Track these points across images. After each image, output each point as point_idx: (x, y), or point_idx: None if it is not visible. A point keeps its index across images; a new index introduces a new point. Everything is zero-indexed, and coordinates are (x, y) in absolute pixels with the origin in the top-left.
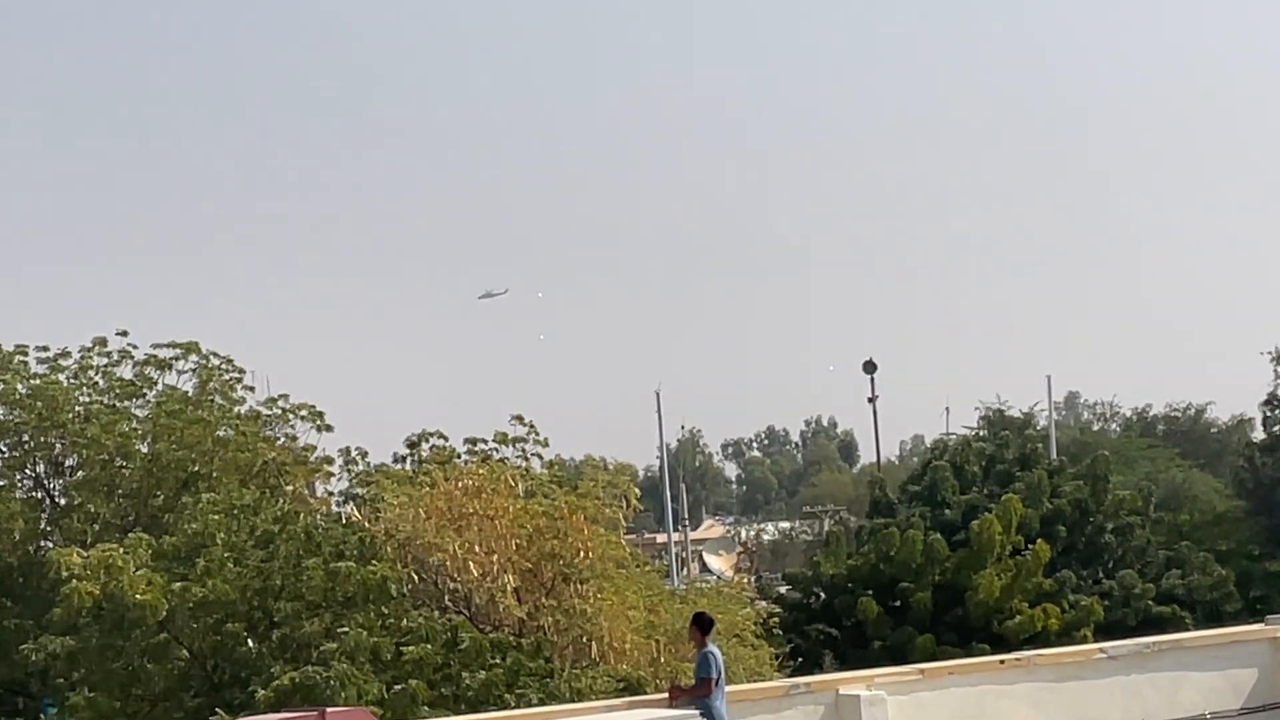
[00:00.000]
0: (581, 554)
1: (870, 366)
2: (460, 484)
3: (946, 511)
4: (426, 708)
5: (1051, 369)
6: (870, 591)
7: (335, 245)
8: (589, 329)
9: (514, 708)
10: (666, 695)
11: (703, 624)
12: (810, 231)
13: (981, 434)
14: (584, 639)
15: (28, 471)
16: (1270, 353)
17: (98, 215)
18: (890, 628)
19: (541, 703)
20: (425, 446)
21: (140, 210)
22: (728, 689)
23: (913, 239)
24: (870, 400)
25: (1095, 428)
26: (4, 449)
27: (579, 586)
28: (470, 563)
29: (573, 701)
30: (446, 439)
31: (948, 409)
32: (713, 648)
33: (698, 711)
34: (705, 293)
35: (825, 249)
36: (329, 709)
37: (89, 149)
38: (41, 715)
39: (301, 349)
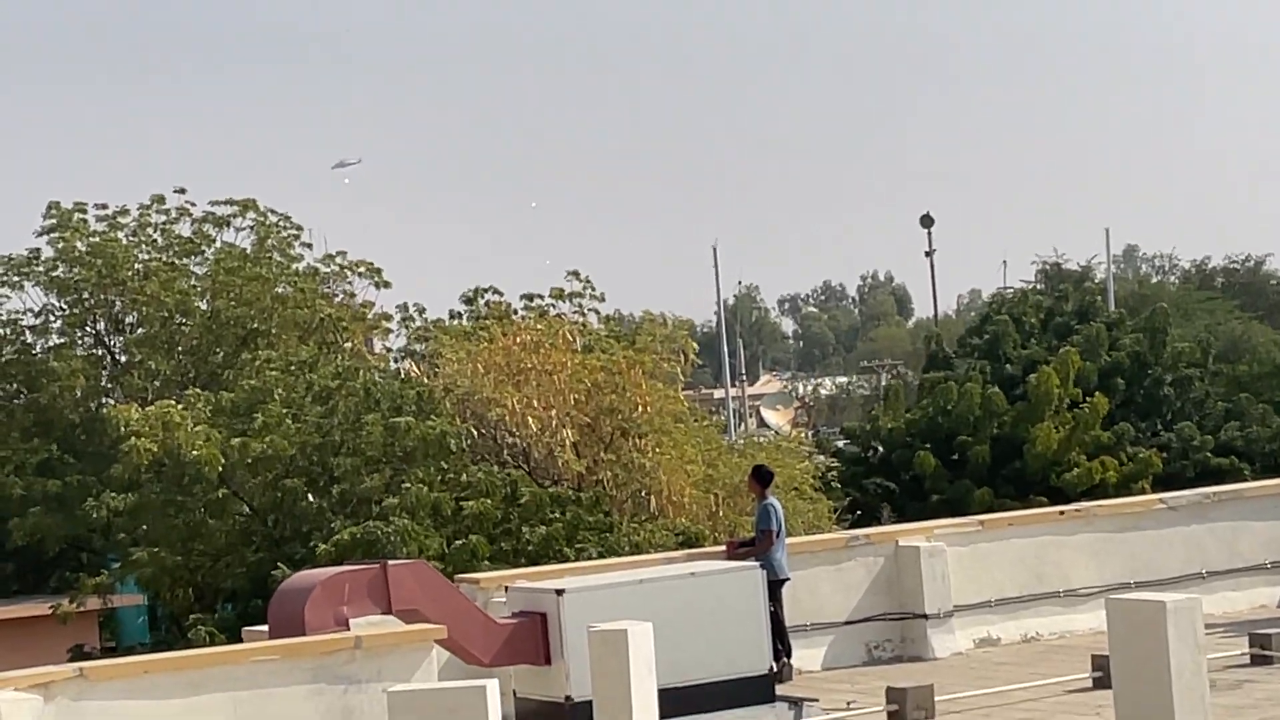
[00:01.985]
0: (640, 408)
1: (927, 220)
2: (518, 339)
3: (1004, 365)
4: (487, 562)
5: (1110, 222)
6: (928, 445)
7: (392, 98)
8: (645, 184)
9: (573, 561)
10: (724, 548)
11: (762, 477)
12: (865, 84)
13: (1039, 287)
14: (643, 493)
15: (88, 329)
16: None
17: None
18: (948, 481)
19: (600, 556)
20: (482, 302)
21: (201, 66)
22: (787, 541)
23: (969, 90)
24: (927, 254)
25: (1154, 280)
26: (64, 307)
27: (637, 441)
28: (529, 417)
29: (632, 555)
30: (502, 294)
31: (1005, 263)
32: (773, 500)
33: (757, 564)
34: (762, 147)
35: (880, 102)
36: (390, 562)
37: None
38: (104, 570)
39: (358, 205)
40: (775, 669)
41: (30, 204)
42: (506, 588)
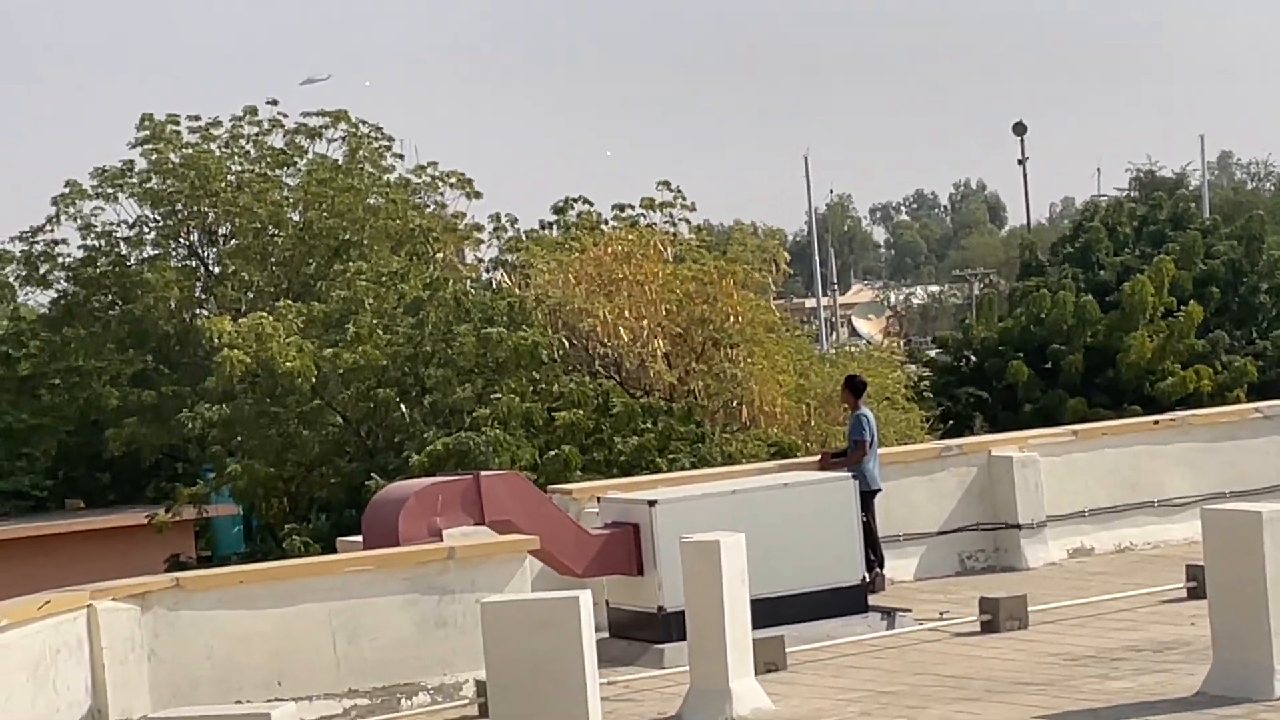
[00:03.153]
0: (731, 318)
1: (1020, 128)
2: (609, 249)
3: (1098, 273)
4: (579, 472)
5: (1205, 128)
6: (1021, 354)
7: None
8: (737, 93)
9: (666, 472)
10: (818, 459)
11: (855, 386)
12: None
13: (1133, 195)
14: (734, 403)
15: (181, 241)
16: None
17: None
18: (1041, 390)
19: (693, 466)
20: (572, 212)
21: None
22: (879, 451)
23: None
24: (1020, 162)
25: (1249, 187)
26: (159, 218)
27: (729, 351)
28: (620, 328)
29: (724, 465)
30: (593, 204)
31: (1099, 170)
32: (865, 410)
33: (850, 474)
34: (852, 55)
35: (971, 9)
36: (483, 473)
37: None
38: (200, 481)
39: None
40: (868, 579)
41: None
42: (599, 498)
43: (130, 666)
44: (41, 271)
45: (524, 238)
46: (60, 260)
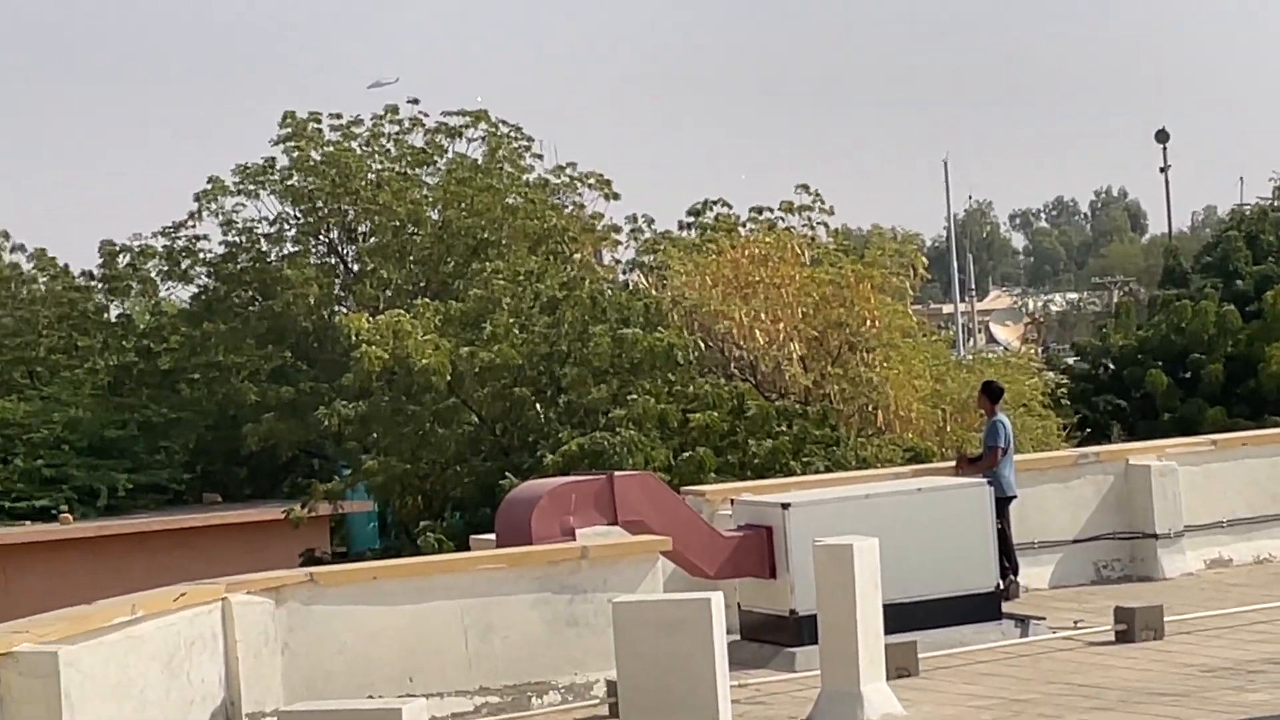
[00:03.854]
0: (868, 322)
1: (1163, 135)
2: (746, 252)
3: (1240, 283)
4: (713, 474)
5: None
6: (1160, 363)
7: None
8: (874, 98)
9: (799, 475)
10: (953, 464)
11: (992, 392)
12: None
13: (1276, 204)
14: (870, 407)
15: (321, 238)
16: None
17: None
18: (1180, 400)
19: (827, 470)
20: (710, 214)
21: None
22: (1015, 458)
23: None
24: (1162, 170)
25: None
26: (299, 215)
27: (865, 355)
28: (756, 330)
29: (859, 469)
30: (730, 207)
31: (1242, 179)
32: (1002, 417)
33: (985, 480)
34: (994, 60)
35: (1116, 14)
36: (616, 473)
37: None
38: (336, 477)
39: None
40: (1002, 586)
41: (267, 113)
42: (732, 500)
43: (264, 660)
44: (183, 267)
45: (661, 239)
46: (201, 256)
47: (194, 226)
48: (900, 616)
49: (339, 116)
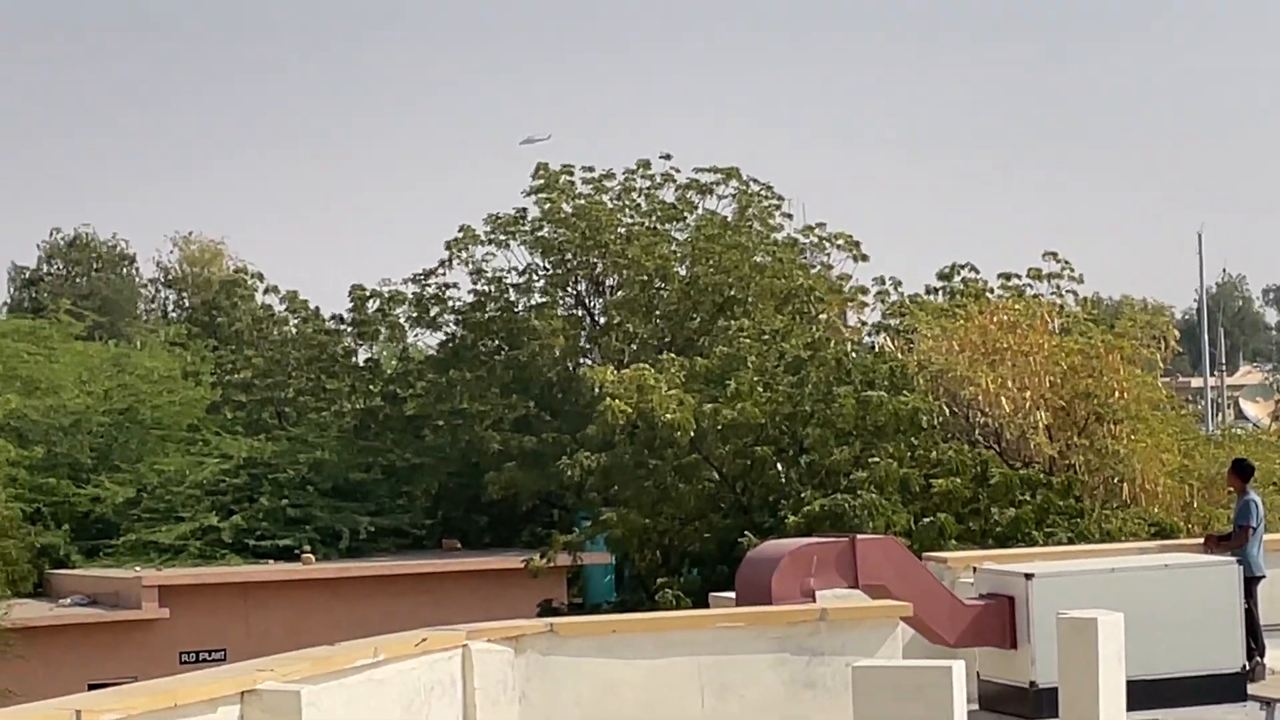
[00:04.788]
0: (1116, 394)
1: None
2: (995, 318)
3: None
4: (953, 541)
5: None
6: None
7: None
8: (1129, 166)
9: (1042, 545)
10: (1200, 541)
11: (1243, 470)
12: None
13: None
14: (1115, 480)
15: (569, 289)
16: None
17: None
18: None
19: (1070, 541)
20: (958, 279)
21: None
22: (1265, 538)
23: None
24: None
25: None
26: (548, 266)
27: (1112, 427)
28: (1003, 398)
29: (1103, 542)
30: (978, 272)
31: None
32: (1253, 495)
33: (1234, 559)
34: (1252, 132)
35: None
36: (859, 536)
37: None
38: (575, 528)
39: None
40: (1247, 667)
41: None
42: (974, 568)
43: (501, 708)
44: (432, 314)
45: (908, 302)
46: (450, 304)
47: (444, 274)
48: (1142, 693)
49: (591, 169)
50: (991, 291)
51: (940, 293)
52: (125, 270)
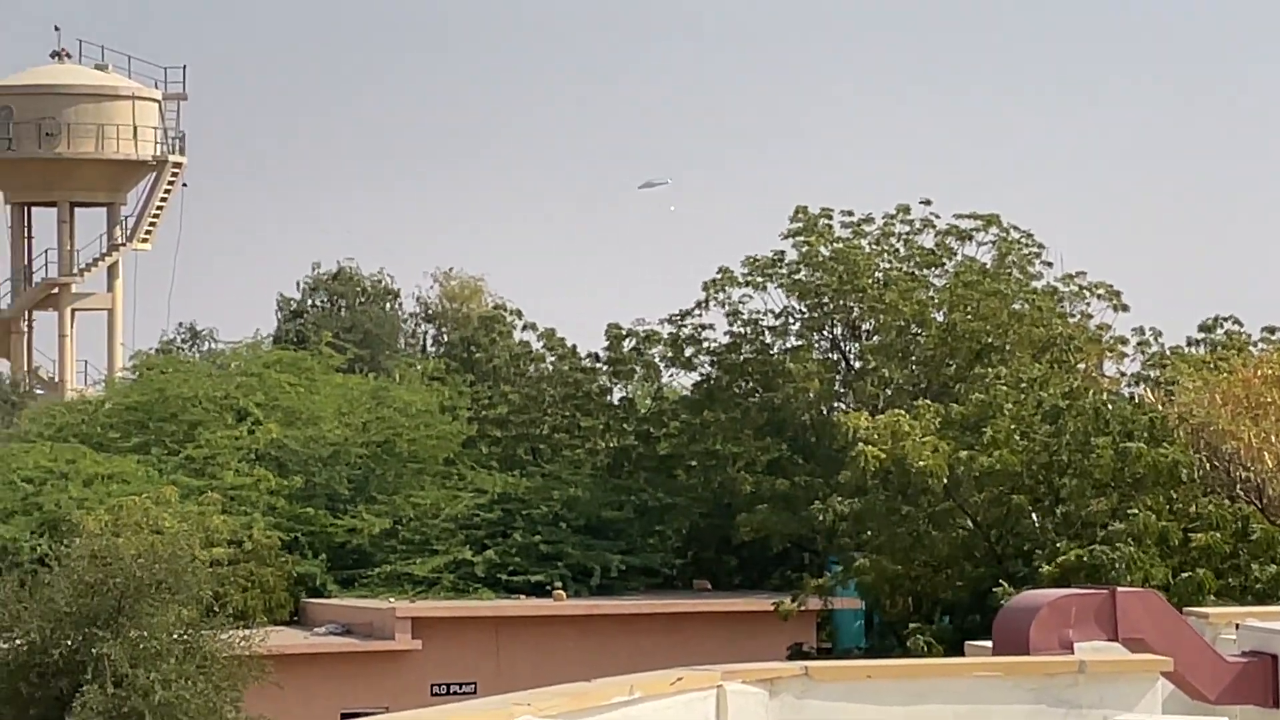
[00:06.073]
0: None
1: None
2: (1258, 372)
3: None
4: (1213, 596)
5: None
6: None
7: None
8: None
9: None
10: None
11: None
12: None
13: None
14: None
15: (825, 333)
16: None
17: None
18: None
19: None
20: (1220, 331)
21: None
22: None
23: None
24: None
25: None
26: (804, 310)
27: None
28: (1265, 453)
29: None
30: (1241, 324)
31: None
32: None
33: None
34: None
35: None
36: (1119, 589)
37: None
38: (826, 572)
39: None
40: None
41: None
42: (1236, 625)
43: None
44: (687, 354)
45: (1168, 354)
46: (706, 345)
47: (700, 315)
48: None
49: (850, 213)
50: (1255, 345)
51: (1202, 344)
52: (388, 305)
